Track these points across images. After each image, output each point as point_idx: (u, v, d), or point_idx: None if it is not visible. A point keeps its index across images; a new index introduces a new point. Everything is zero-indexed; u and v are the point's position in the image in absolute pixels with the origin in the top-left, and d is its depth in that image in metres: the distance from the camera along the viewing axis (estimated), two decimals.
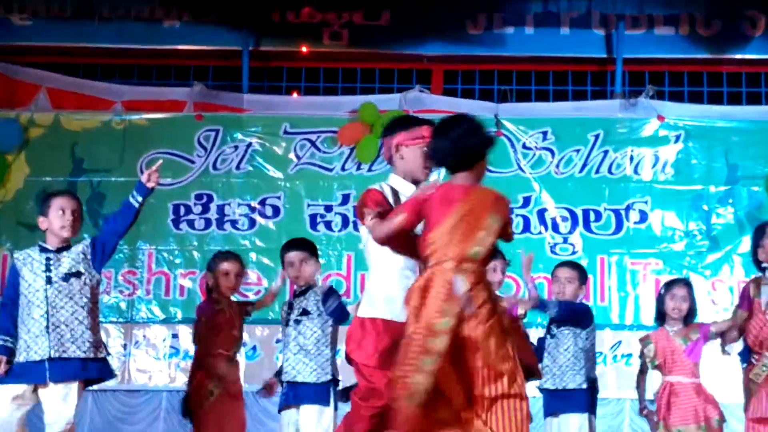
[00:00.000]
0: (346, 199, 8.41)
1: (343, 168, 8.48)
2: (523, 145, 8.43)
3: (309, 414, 5.93)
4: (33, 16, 8.76)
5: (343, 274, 8.20)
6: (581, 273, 6.47)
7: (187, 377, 6.39)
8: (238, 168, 8.52)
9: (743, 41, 8.67)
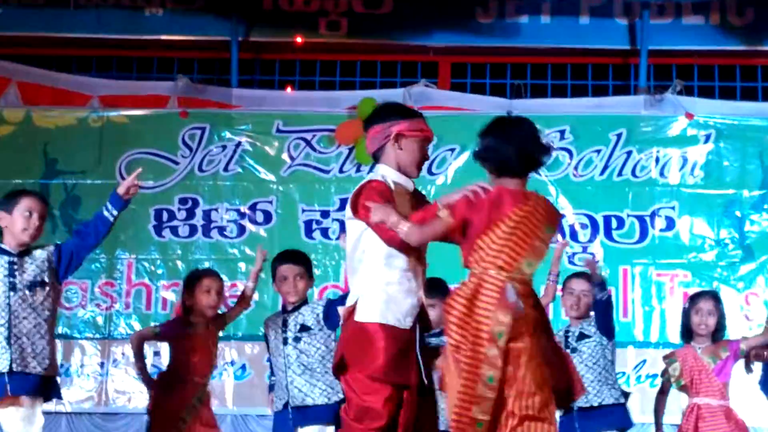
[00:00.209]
0: (344, 204, 8.11)
1: (341, 170, 8.40)
2: None
3: None
4: (2, 3, 8.67)
5: (341, 285, 8.05)
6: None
7: (149, 402, 6.26)
8: (226, 170, 8.42)
9: None
